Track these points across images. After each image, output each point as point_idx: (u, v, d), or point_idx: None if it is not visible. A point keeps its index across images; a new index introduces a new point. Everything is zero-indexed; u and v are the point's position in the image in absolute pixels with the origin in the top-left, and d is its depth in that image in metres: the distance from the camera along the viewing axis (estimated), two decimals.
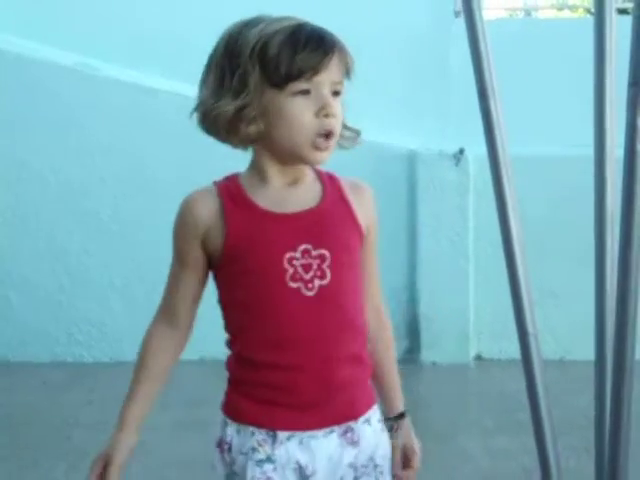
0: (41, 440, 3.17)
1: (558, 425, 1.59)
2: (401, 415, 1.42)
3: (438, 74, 4.50)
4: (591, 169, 1.63)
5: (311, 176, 1.34)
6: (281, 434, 1.29)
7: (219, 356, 4.26)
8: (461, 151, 4.17)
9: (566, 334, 4.22)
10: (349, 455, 1.32)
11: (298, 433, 1.29)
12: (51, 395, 3.75)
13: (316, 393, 1.30)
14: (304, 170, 1.33)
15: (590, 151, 1.65)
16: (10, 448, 3.10)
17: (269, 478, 1.28)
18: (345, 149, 1.35)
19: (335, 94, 1.28)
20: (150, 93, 4.29)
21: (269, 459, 1.29)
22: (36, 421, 3.39)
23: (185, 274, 1.39)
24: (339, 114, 1.28)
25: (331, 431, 1.31)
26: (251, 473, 1.28)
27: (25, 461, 2.97)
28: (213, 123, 1.32)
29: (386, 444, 1.37)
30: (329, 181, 1.35)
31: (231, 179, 1.35)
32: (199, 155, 4.19)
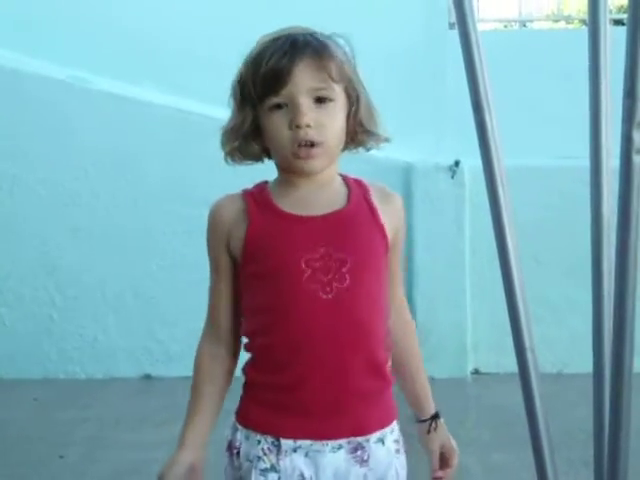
0: (34, 458, 3.13)
1: (556, 439, 1.57)
2: (435, 416, 1.42)
3: (433, 86, 4.50)
4: (587, 180, 1.62)
5: (338, 181, 1.36)
6: (285, 444, 1.29)
7: None
8: (457, 163, 4.17)
9: (564, 347, 4.21)
10: (357, 474, 1.30)
11: (304, 445, 1.28)
12: (43, 412, 3.72)
13: (326, 399, 1.28)
14: (331, 175, 1.34)
15: (586, 162, 1.64)
16: (3, 466, 3.06)
17: None
18: (368, 150, 1.38)
19: (319, 100, 1.27)
20: (143, 106, 4.28)
21: (273, 468, 1.29)
22: (28, 439, 3.35)
23: (222, 284, 1.37)
24: (319, 121, 1.27)
25: (339, 447, 1.29)
26: None
27: (19, 479, 2.93)
28: (221, 141, 1.36)
29: (399, 466, 1.35)
30: (356, 186, 1.36)
31: (259, 185, 1.37)
32: (193, 168, 4.19)
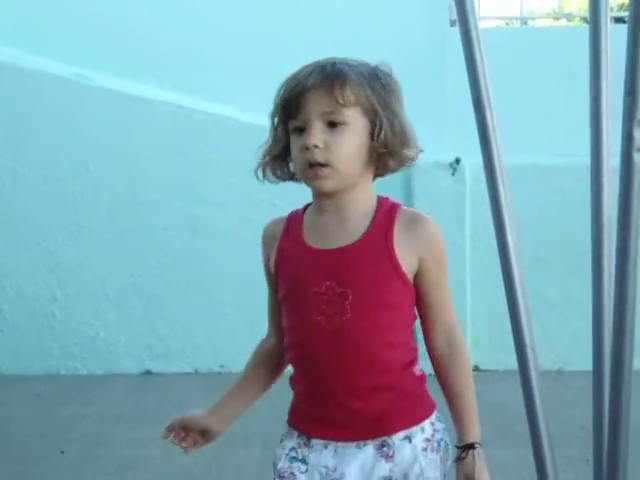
0: (35, 454, 3.14)
1: (556, 437, 1.57)
2: (469, 446, 1.42)
3: (434, 83, 4.50)
4: (587, 178, 1.62)
5: (367, 207, 1.39)
6: (316, 442, 1.41)
7: (214, 368, 4.26)
8: (457, 160, 4.17)
9: (564, 345, 4.21)
10: (383, 468, 1.38)
11: (333, 443, 1.39)
12: (45, 408, 3.73)
13: (339, 416, 1.38)
14: (355, 200, 1.38)
15: (586, 160, 1.64)
16: (4, 462, 3.07)
17: (293, 474, 1.40)
18: (393, 172, 1.42)
19: (331, 124, 1.34)
20: (145, 103, 4.29)
21: (303, 460, 1.41)
22: (30, 435, 3.36)
23: (270, 293, 1.49)
24: (328, 143, 1.33)
25: (365, 444, 1.38)
26: (281, 465, 1.42)
27: (19, 476, 2.94)
28: (258, 161, 1.44)
29: (425, 464, 1.39)
30: (384, 217, 1.38)
31: (301, 209, 1.45)
32: (194, 165, 4.19)
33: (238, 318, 4.19)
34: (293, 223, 1.43)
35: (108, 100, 4.28)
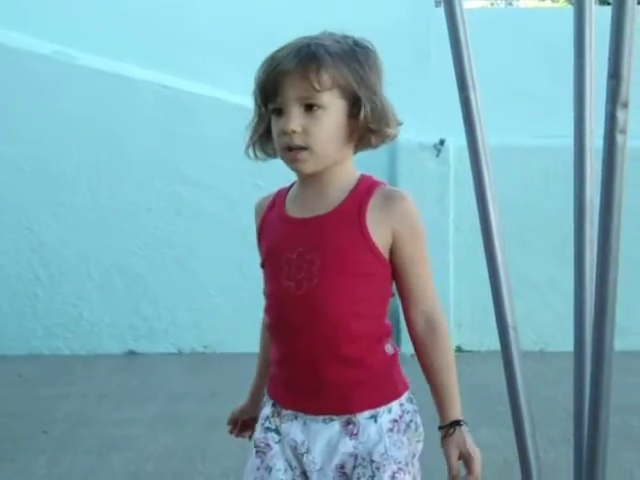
0: (18, 434, 3.14)
1: (537, 417, 1.59)
2: (455, 423, 1.42)
3: (418, 65, 4.49)
4: (570, 160, 1.63)
5: (347, 183, 1.41)
6: (286, 412, 1.44)
7: (197, 349, 4.26)
8: (442, 142, 4.17)
9: (546, 326, 4.24)
10: (347, 445, 1.40)
11: (301, 415, 1.42)
12: (28, 388, 3.72)
13: (306, 384, 1.41)
14: (335, 177, 1.41)
15: (570, 142, 1.64)
16: None
17: (268, 445, 1.43)
18: (375, 147, 1.44)
19: (308, 107, 1.35)
20: (129, 82, 4.26)
21: (276, 430, 1.44)
22: (13, 415, 3.36)
23: (265, 271, 1.50)
24: (306, 127, 1.35)
25: (332, 419, 1.41)
26: (257, 435, 1.46)
27: (3, 455, 2.94)
28: (247, 140, 1.46)
29: (390, 444, 1.40)
30: (361, 191, 1.40)
31: (291, 184, 1.48)
32: (178, 144, 4.17)
33: (222, 299, 4.19)
34: (279, 197, 1.48)
35: (91, 79, 4.25)
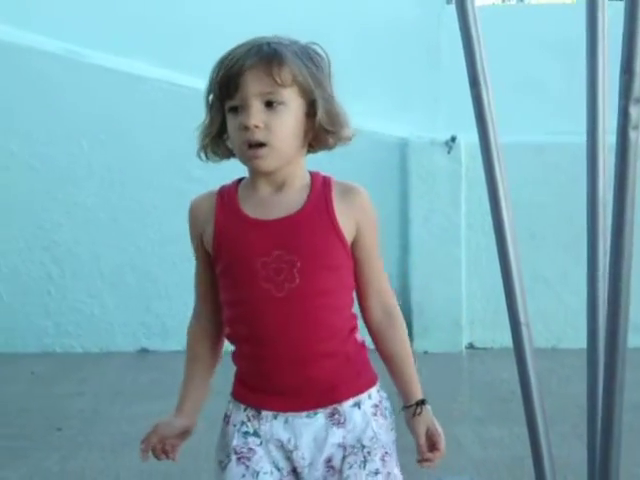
0: (32, 431, 3.15)
1: (550, 413, 1.59)
2: (421, 402, 1.46)
3: (429, 61, 4.48)
4: (583, 156, 1.62)
5: (302, 182, 1.43)
6: (265, 414, 1.41)
7: None
8: (453, 139, 4.16)
9: (558, 322, 4.23)
10: (336, 435, 1.41)
11: (282, 413, 1.41)
12: (41, 386, 3.74)
13: (292, 384, 1.40)
14: (291, 176, 1.42)
15: (582, 138, 1.64)
16: (1, 439, 3.07)
17: (251, 449, 1.41)
18: (330, 149, 1.44)
19: (269, 104, 1.37)
20: (137, 80, 4.26)
21: (255, 433, 1.41)
22: (26, 412, 3.37)
23: (200, 269, 1.51)
24: (268, 123, 1.36)
25: (316, 413, 1.41)
26: (236, 442, 1.42)
27: (17, 452, 2.95)
28: (197, 143, 1.48)
29: (377, 428, 1.43)
30: (320, 187, 1.43)
31: (232, 184, 1.47)
32: (188, 142, 4.17)
33: None
34: (227, 198, 1.44)
35: (101, 77, 4.26)
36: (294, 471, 1.42)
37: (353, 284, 1.46)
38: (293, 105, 1.39)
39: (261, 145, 1.37)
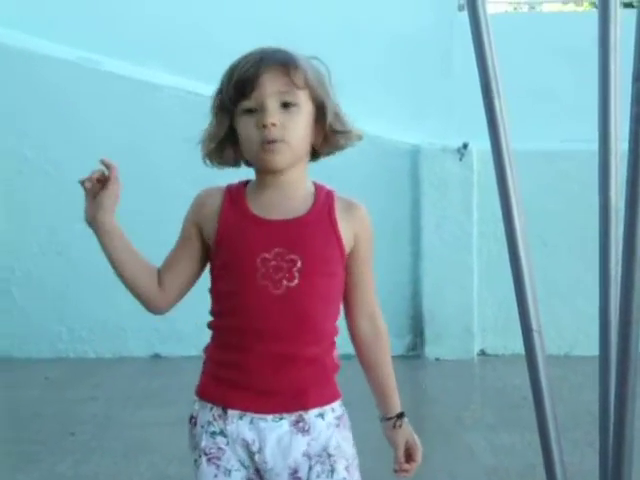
0: (46, 436, 3.17)
1: (562, 421, 1.59)
2: (400, 414, 1.51)
3: (441, 69, 4.49)
4: (595, 164, 1.62)
5: (307, 189, 1.47)
6: (231, 412, 1.43)
7: None
8: (465, 146, 4.16)
9: (570, 329, 4.22)
10: (301, 443, 1.43)
11: (249, 414, 1.43)
12: (54, 391, 3.76)
13: (269, 381, 1.42)
14: (297, 180, 1.46)
15: (594, 146, 1.64)
16: (15, 443, 3.10)
17: (220, 449, 1.43)
18: (341, 149, 1.48)
19: (285, 105, 1.41)
20: (152, 88, 4.29)
21: (222, 433, 1.44)
22: (40, 417, 3.39)
23: (179, 246, 1.55)
24: (284, 122, 1.40)
25: (281, 418, 1.43)
26: (204, 443, 1.44)
27: (30, 456, 2.97)
28: (201, 145, 1.50)
29: (340, 438, 1.46)
30: (324, 198, 1.47)
31: (240, 184, 1.50)
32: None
33: None
34: (235, 196, 1.48)
35: (116, 84, 4.28)
36: (257, 471, 1.44)
37: (342, 297, 1.49)
38: (305, 108, 1.43)
39: (277, 141, 1.40)
